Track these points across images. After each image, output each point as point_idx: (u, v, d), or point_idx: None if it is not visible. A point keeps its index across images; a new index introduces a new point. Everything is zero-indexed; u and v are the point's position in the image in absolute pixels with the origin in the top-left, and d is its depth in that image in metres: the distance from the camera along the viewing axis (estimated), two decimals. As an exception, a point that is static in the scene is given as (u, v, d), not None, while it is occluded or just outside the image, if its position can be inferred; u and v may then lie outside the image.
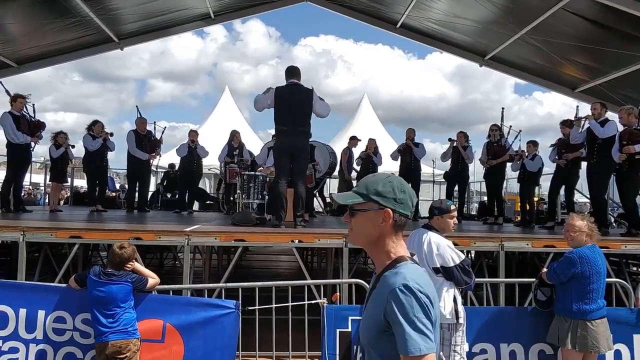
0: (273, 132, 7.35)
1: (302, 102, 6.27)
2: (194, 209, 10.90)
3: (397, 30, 11.28)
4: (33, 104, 8.23)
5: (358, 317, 4.47)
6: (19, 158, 7.92)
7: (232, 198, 9.63)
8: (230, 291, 4.53)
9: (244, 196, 7.61)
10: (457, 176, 9.39)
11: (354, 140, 10.79)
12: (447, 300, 3.66)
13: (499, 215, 9.07)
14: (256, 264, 11.30)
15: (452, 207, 3.92)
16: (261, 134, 17.91)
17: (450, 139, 9.46)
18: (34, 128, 8.03)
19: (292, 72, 6.47)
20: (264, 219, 7.29)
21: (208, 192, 15.54)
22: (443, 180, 10.76)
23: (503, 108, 9.66)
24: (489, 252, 7.67)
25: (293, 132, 6.24)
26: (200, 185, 12.18)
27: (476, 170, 12.62)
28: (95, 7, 9.22)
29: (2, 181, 8.65)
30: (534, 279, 4.41)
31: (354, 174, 10.74)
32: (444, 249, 3.68)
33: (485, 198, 10.18)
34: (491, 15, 9.48)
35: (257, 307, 4.46)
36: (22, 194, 9.29)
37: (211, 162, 12.29)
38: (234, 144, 10.03)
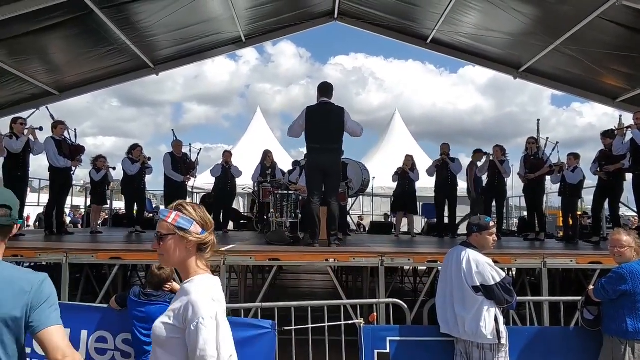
0: (304, 150, 7.38)
1: (333, 120, 6.29)
2: (228, 228, 11.00)
3: (427, 46, 11.25)
4: (75, 129, 8.52)
5: (397, 338, 4.38)
6: (60, 182, 8.18)
7: (265, 217, 9.68)
8: (266, 311, 4.52)
9: (277, 215, 7.63)
10: (494, 191, 9.17)
11: (479, 153, 9.93)
12: (488, 319, 3.55)
13: (541, 231, 8.77)
14: (290, 283, 11.28)
15: (491, 223, 3.82)
16: (293, 153, 18.04)
17: (486, 153, 9.29)
18: (74, 152, 8.30)
19: (324, 89, 6.49)
20: (297, 237, 7.28)
21: (241, 211, 15.71)
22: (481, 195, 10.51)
23: (539, 120, 9.64)
24: (531, 269, 7.43)
25: (324, 150, 6.24)
26: (234, 204, 12.29)
27: (514, 185, 12.32)
28: (131, 35, 9.53)
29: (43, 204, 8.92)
30: (579, 297, 4.22)
31: (390, 191, 10.54)
32: (484, 266, 3.59)
33: (526, 213, 9.91)
34: (523, 27, 9.34)
35: (293, 327, 4.42)
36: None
37: (244, 181, 12.43)
38: (267, 164, 10.13)
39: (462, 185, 10.80)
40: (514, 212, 16.04)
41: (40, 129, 7.71)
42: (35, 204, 13.81)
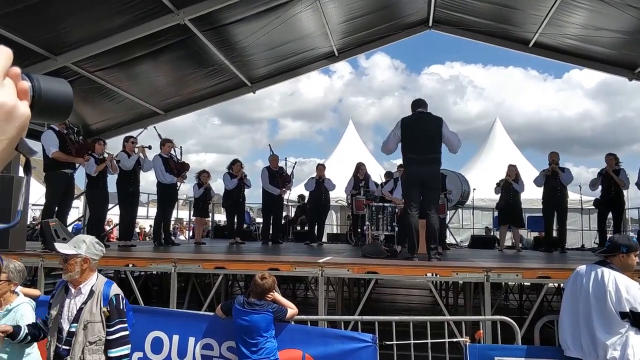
0: (397, 162, 7.24)
1: (430, 130, 6.10)
2: (323, 240, 11.07)
3: (529, 50, 10.62)
4: (180, 147, 9.04)
5: (505, 358, 4.10)
6: (167, 196, 8.69)
7: (359, 230, 9.62)
8: (364, 324, 4.43)
9: (372, 227, 7.52)
10: (610, 203, 8.39)
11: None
12: (636, 347, 3.20)
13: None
14: (386, 297, 11.07)
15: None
16: (386, 165, 17.79)
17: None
18: (180, 169, 8.78)
19: (418, 103, 6.36)
20: (394, 250, 7.13)
21: (334, 224, 15.82)
22: (593, 207, 9.68)
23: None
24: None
25: (422, 161, 6.06)
26: (328, 217, 12.33)
27: (630, 196, 11.20)
28: (230, 55, 9.98)
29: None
30: None
31: (492, 203, 10.04)
32: (635, 291, 3.25)
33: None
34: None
35: (394, 342, 4.29)
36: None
37: (337, 194, 12.43)
38: (360, 176, 10.07)
39: (572, 197, 10.03)
40: (629, 226, 14.61)
41: (150, 147, 8.25)
42: (145, 217, 14.84)
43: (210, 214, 11.71)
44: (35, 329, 3.20)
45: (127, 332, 3.15)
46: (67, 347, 3.02)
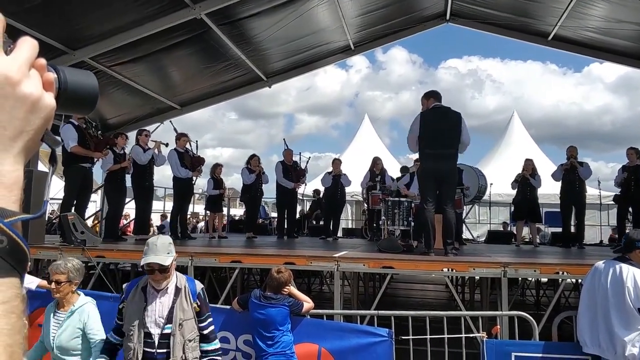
0: (413, 157, 7.18)
1: (448, 125, 6.04)
2: (338, 235, 11.08)
3: (549, 43, 10.45)
4: (196, 141, 9.10)
5: (523, 354, 4.07)
6: (183, 191, 8.76)
7: (374, 224, 9.61)
8: (380, 319, 4.43)
9: (388, 222, 7.50)
10: (630, 199, 8.23)
11: None
12: None
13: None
14: (401, 292, 11.05)
15: None
16: (402, 159, 17.72)
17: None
18: (195, 163, 8.84)
19: (434, 94, 6.28)
20: (410, 245, 7.10)
21: (349, 218, 15.83)
22: (612, 203, 9.53)
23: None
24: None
25: (439, 156, 6.00)
26: (342, 212, 12.33)
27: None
28: (246, 50, 9.99)
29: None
30: None
31: (509, 199, 9.91)
32: None
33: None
34: (663, 16, 8.36)
35: (410, 337, 4.28)
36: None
37: (353, 189, 12.42)
38: (376, 171, 10.03)
39: (590, 192, 9.88)
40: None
41: (167, 144, 8.33)
42: (161, 211, 14.98)
43: (224, 209, 11.79)
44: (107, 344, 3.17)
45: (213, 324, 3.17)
46: (163, 350, 2.91)
